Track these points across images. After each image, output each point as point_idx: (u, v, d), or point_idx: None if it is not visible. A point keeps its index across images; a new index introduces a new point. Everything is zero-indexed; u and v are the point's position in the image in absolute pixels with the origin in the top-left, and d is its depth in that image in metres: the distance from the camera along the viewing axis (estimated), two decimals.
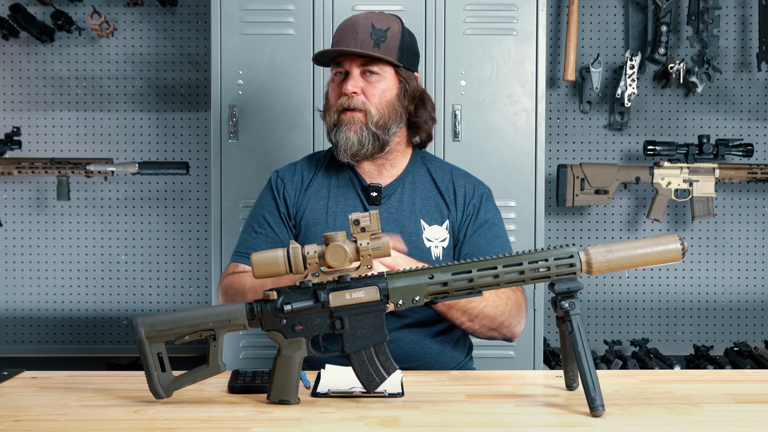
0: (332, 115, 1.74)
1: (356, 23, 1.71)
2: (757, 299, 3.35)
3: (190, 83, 3.28)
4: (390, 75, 1.74)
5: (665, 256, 1.28)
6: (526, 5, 2.51)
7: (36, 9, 3.20)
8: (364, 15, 1.74)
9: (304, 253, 1.30)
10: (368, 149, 1.72)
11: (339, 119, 1.72)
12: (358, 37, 1.69)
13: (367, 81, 1.72)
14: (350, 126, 1.71)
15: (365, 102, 1.71)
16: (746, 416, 1.27)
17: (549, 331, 3.22)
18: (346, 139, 1.71)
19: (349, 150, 1.72)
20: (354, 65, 1.71)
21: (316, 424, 1.21)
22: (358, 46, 1.68)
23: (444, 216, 1.78)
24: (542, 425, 1.24)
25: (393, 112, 1.74)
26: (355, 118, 1.71)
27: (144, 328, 1.31)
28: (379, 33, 1.70)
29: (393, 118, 1.74)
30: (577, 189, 3.04)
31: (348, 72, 1.72)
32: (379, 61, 1.71)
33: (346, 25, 1.74)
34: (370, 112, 1.71)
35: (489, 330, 1.66)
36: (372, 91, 1.71)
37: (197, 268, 3.32)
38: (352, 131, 1.71)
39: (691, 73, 3.11)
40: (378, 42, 1.69)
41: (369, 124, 1.71)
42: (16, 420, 1.23)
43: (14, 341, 3.31)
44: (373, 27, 1.70)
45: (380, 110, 1.71)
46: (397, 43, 1.73)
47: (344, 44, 1.70)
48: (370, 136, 1.71)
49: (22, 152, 3.20)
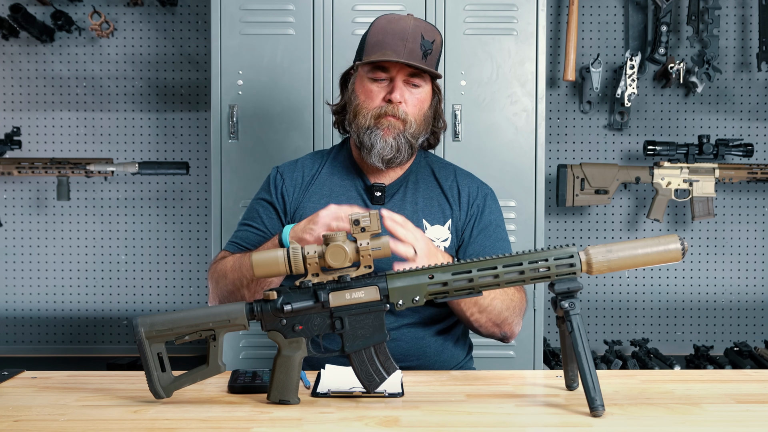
0: (368, 117, 1.72)
1: (406, 30, 1.68)
2: (757, 299, 3.35)
3: (190, 83, 3.28)
4: (428, 86, 1.75)
5: (665, 256, 1.28)
6: (526, 5, 2.51)
7: (36, 9, 3.20)
8: (413, 23, 1.70)
9: (304, 253, 1.30)
10: (404, 156, 1.73)
11: (378, 122, 1.71)
12: (407, 45, 1.67)
13: (410, 91, 1.72)
14: (389, 130, 1.70)
15: (407, 112, 1.71)
16: (746, 416, 1.27)
17: (549, 331, 3.22)
18: (384, 143, 1.70)
19: (386, 155, 1.71)
20: (401, 74, 1.70)
21: (316, 424, 1.21)
22: (407, 56, 1.67)
23: (446, 216, 1.78)
24: (542, 425, 1.24)
25: (425, 122, 1.75)
26: (395, 124, 1.71)
27: (144, 328, 1.31)
28: (428, 45, 1.69)
29: (425, 128, 1.76)
30: (577, 189, 3.04)
31: (393, 79, 1.71)
32: (425, 73, 1.72)
33: (392, 29, 1.70)
34: (410, 122, 1.71)
35: (493, 325, 1.68)
36: (413, 102, 1.72)
37: (197, 268, 3.32)
38: (391, 136, 1.70)
39: (691, 73, 3.11)
40: (426, 54, 1.69)
41: (406, 133, 1.71)
42: (16, 420, 1.23)
43: (14, 341, 3.31)
44: (423, 38, 1.69)
45: (417, 120, 1.73)
46: (438, 56, 1.75)
47: (392, 50, 1.67)
48: (406, 144, 1.72)
49: (22, 152, 3.20)
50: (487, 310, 1.65)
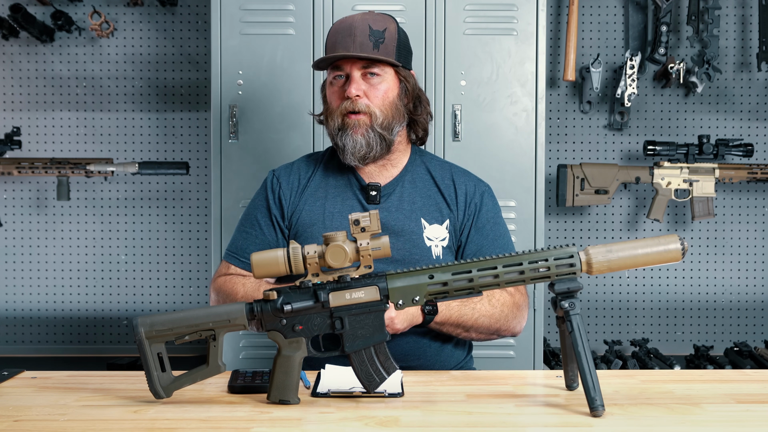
0: (336, 119, 1.73)
1: (353, 25, 1.70)
2: (757, 299, 3.35)
3: (190, 83, 3.28)
4: (390, 75, 1.74)
5: (665, 256, 1.29)
6: (526, 5, 2.51)
7: (36, 9, 3.20)
8: (359, 17, 1.72)
9: (304, 253, 1.31)
10: (376, 151, 1.72)
11: (344, 123, 1.71)
12: (356, 39, 1.68)
13: (369, 83, 1.71)
14: (356, 129, 1.70)
15: (369, 104, 1.71)
16: (746, 416, 1.27)
17: (549, 331, 3.22)
18: (353, 143, 1.71)
19: (357, 153, 1.71)
20: (355, 68, 1.70)
21: (316, 424, 1.21)
22: (357, 49, 1.68)
23: (444, 215, 1.78)
24: (542, 425, 1.24)
25: (396, 111, 1.74)
26: (360, 120, 1.70)
27: (144, 328, 1.31)
28: (378, 34, 1.69)
29: (396, 117, 1.74)
30: (577, 189, 3.04)
31: (349, 75, 1.71)
32: (380, 63, 1.71)
33: (341, 27, 1.72)
34: (375, 114, 1.71)
35: (488, 335, 1.71)
36: (375, 93, 1.71)
37: (197, 268, 3.32)
38: (359, 134, 1.70)
39: (691, 73, 3.11)
40: (377, 44, 1.69)
41: (374, 126, 1.71)
42: (16, 420, 1.23)
43: (14, 341, 3.31)
44: (371, 28, 1.69)
45: (384, 111, 1.72)
46: (395, 43, 1.72)
47: (342, 47, 1.69)
48: (377, 138, 1.71)
49: (22, 152, 3.20)
50: (473, 329, 1.67)
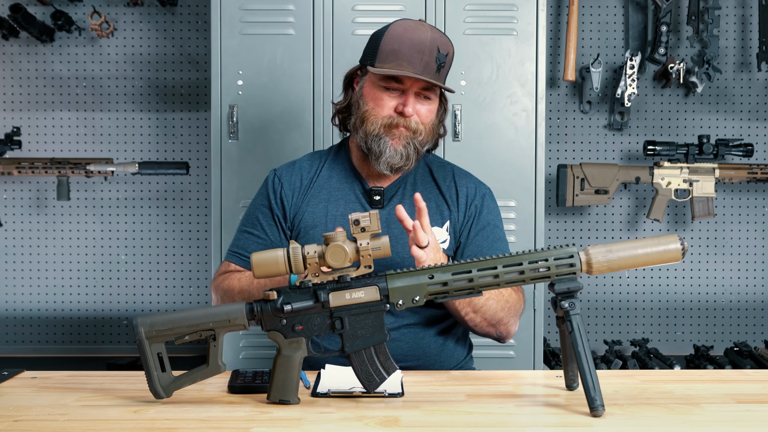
0: (377, 125, 1.71)
1: (423, 43, 1.67)
2: (757, 299, 3.35)
3: (190, 83, 3.28)
4: (437, 99, 1.76)
5: (665, 256, 1.29)
6: (526, 5, 2.51)
7: (36, 9, 3.20)
8: (429, 35, 1.69)
9: (304, 253, 1.30)
10: (410, 164, 1.74)
11: (388, 131, 1.71)
12: (423, 59, 1.67)
13: (420, 103, 1.72)
14: (398, 139, 1.71)
15: (419, 123, 1.72)
16: (746, 416, 1.27)
17: (549, 331, 3.22)
18: (393, 152, 1.70)
19: (393, 162, 1.71)
20: (415, 87, 1.70)
21: (316, 424, 1.21)
22: (422, 70, 1.67)
23: (444, 217, 1.78)
24: (542, 425, 1.24)
25: (433, 131, 1.77)
26: (404, 133, 1.71)
27: (144, 328, 1.31)
28: (442, 58, 1.70)
29: (432, 137, 1.77)
30: (577, 189, 3.04)
31: (405, 91, 1.71)
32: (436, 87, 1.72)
33: (410, 40, 1.68)
34: (420, 131, 1.72)
35: (488, 325, 1.68)
36: (424, 113, 1.73)
37: (197, 268, 3.32)
38: (401, 144, 1.71)
39: (691, 73, 3.11)
40: (440, 67, 1.70)
41: (414, 141, 1.72)
42: (16, 420, 1.23)
43: (14, 341, 3.31)
44: (439, 51, 1.68)
45: (427, 130, 1.74)
46: (449, 69, 1.75)
47: (408, 62, 1.67)
48: (414, 153, 1.72)
49: (22, 152, 3.20)
50: (482, 311, 1.65)
